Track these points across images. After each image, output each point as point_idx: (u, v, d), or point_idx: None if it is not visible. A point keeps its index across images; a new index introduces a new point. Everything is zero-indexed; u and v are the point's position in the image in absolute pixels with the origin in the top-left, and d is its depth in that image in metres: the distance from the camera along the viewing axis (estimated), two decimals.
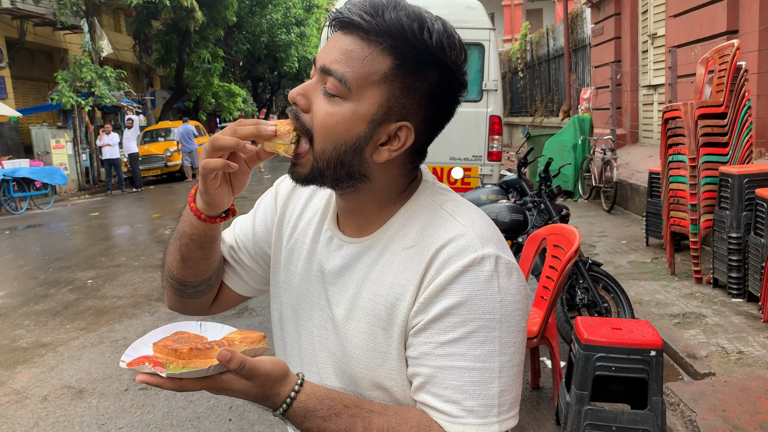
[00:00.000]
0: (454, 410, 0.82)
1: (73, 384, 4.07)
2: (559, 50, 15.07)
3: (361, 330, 0.90)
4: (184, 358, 0.76)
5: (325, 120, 0.85)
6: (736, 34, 7.02)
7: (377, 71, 0.83)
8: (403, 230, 0.90)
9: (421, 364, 0.84)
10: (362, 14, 0.83)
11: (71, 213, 12.47)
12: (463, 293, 0.82)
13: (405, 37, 0.83)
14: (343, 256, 0.94)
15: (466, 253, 0.84)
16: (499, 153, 6.35)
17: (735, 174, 4.66)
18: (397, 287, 0.87)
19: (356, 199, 0.93)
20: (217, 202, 0.92)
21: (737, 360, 3.66)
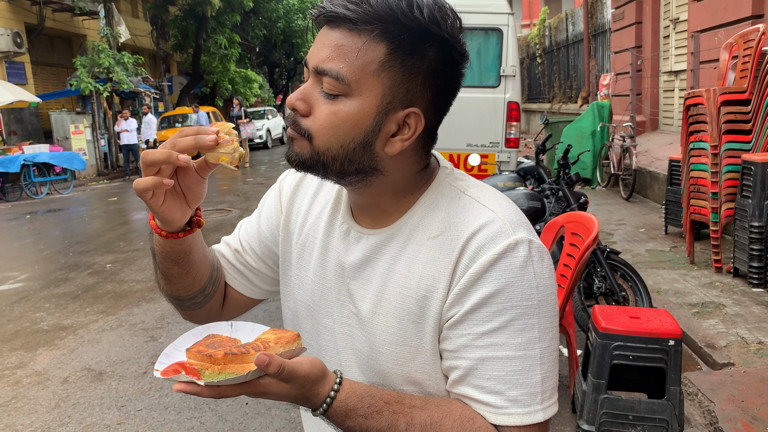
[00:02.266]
0: (498, 401, 0.81)
1: (93, 366, 4.13)
2: (579, 35, 14.86)
3: (390, 324, 0.86)
4: (220, 363, 0.75)
5: (329, 120, 0.81)
6: (761, 18, 6.86)
7: (373, 60, 0.79)
8: (427, 219, 0.87)
9: (460, 356, 0.82)
10: (346, 4, 0.79)
11: (90, 198, 12.61)
12: (499, 281, 0.80)
13: (396, 19, 0.78)
14: (363, 248, 0.90)
15: (499, 239, 0.81)
16: (516, 140, 6.29)
17: (758, 162, 4.58)
18: (428, 279, 0.84)
19: (370, 193, 0.89)
20: (170, 219, 0.87)
21: (757, 350, 3.62)
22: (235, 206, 10.36)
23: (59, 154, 13.30)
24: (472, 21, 6.05)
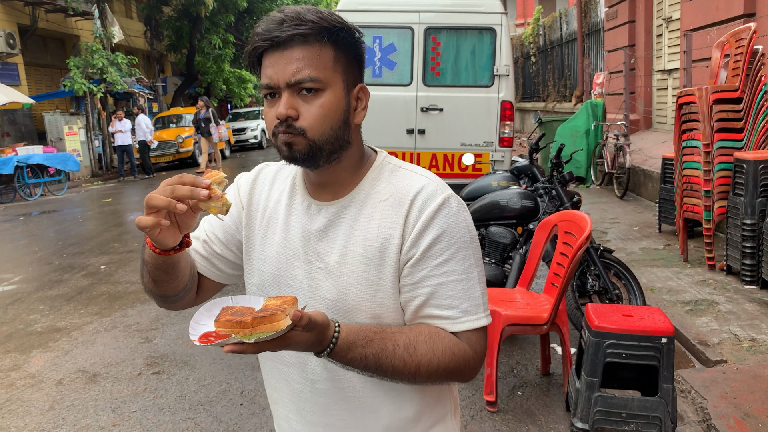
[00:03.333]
0: (454, 314, 1.07)
1: (88, 368, 4.12)
2: (572, 34, 14.89)
3: (356, 270, 1.08)
4: (249, 326, 0.89)
5: (319, 112, 1.04)
6: (753, 17, 6.89)
7: (329, 59, 1.05)
8: (375, 188, 1.12)
9: (422, 285, 1.06)
10: (297, 27, 1.02)
11: (84, 199, 12.57)
12: (443, 225, 1.07)
13: (331, 26, 1.05)
14: (325, 216, 1.12)
15: (436, 195, 1.08)
16: (510, 139, 6.30)
17: (750, 160, 4.60)
18: (385, 230, 1.08)
19: (336, 168, 1.12)
20: (164, 244, 1.02)
21: (750, 347, 3.64)
22: None
23: (53, 156, 13.25)
24: (465, 21, 6.06)
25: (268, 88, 1.06)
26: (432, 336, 1.05)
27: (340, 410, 1.14)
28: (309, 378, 1.14)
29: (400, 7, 6.07)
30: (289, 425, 1.21)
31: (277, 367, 1.20)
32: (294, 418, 1.19)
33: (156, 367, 4.08)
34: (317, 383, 1.14)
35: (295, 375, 1.16)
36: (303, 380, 1.15)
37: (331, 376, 1.12)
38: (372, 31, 6.09)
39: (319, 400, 1.14)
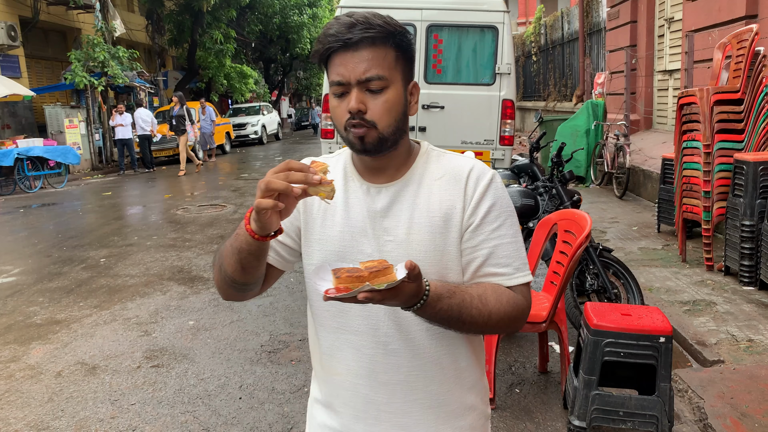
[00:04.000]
0: (509, 270, 1.25)
1: (87, 360, 4.13)
2: (574, 34, 14.88)
3: (423, 238, 1.24)
4: (366, 279, 1.01)
5: (384, 107, 1.19)
6: (755, 18, 6.89)
7: (392, 59, 1.20)
8: (428, 169, 1.29)
9: (481, 247, 1.24)
10: (366, 31, 1.16)
11: (84, 192, 12.57)
12: (494, 197, 1.26)
13: (391, 31, 1.19)
14: (386, 195, 1.27)
15: (485, 172, 1.28)
16: (511, 137, 6.31)
17: (750, 161, 4.61)
18: (447, 202, 1.25)
19: (391, 155, 1.27)
20: (269, 228, 1.12)
21: (747, 348, 3.65)
22: (229, 202, 10.35)
23: (53, 148, 13.24)
24: (468, 19, 6.06)
25: (339, 85, 1.18)
26: (495, 289, 1.23)
27: (410, 366, 1.27)
28: (381, 341, 1.26)
29: (402, 5, 6.07)
30: (354, 392, 1.29)
31: (342, 338, 1.29)
32: (362, 383, 1.28)
33: (155, 361, 4.09)
34: (390, 344, 1.26)
35: (366, 341, 1.27)
36: (375, 344, 1.26)
37: (403, 337, 1.25)
38: None
39: (390, 360, 1.26)
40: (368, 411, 1.29)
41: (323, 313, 1.30)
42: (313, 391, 1.41)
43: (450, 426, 1.31)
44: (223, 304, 5.14)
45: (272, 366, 3.95)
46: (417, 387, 1.28)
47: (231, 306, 5.10)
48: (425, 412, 1.29)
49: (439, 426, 1.30)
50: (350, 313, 1.26)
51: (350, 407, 1.30)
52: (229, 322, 4.73)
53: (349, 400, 1.30)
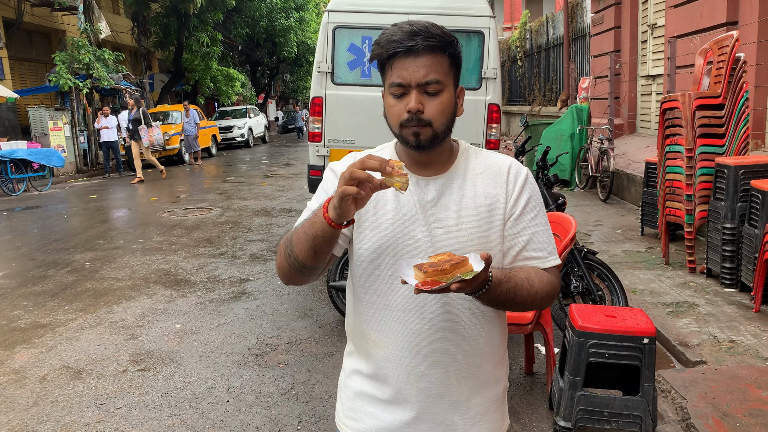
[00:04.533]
0: (544, 254, 1.41)
1: (72, 364, 4.11)
2: (559, 39, 15.02)
3: (470, 226, 1.38)
4: (449, 272, 1.13)
5: (439, 108, 1.32)
6: (735, 25, 7.01)
7: (447, 66, 1.33)
8: (470, 165, 1.43)
9: (522, 234, 1.40)
10: (427, 40, 1.29)
11: (69, 195, 12.46)
12: (531, 190, 1.42)
13: (448, 41, 1.32)
14: (435, 187, 1.40)
15: (522, 169, 1.44)
16: (497, 141, 6.35)
17: (731, 165, 4.69)
18: (491, 194, 1.40)
19: (438, 151, 1.39)
20: (346, 216, 1.22)
21: (728, 349, 3.71)
22: (216, 205, 10.32)
23: (37, 151, 13.12)
24: (454, 23, 6.10)
25: (399, 86, 1.31)
26: (536, 272, 1.39)
27: (451, 341, 1.40)
28: (427, 318, 1.38)
29: (389, 9, 6.10)
30: (398, 363, 1.42)
31: (391, 314, 1.40)
32: (406, 356, 1.41)
33: (141, 364, 4.07)
34: (435, 321, 1.39)
35: (414, 317, 1.39)
36: (421, 320, 1.38)
37: (447, 314, 1.39)
38: (362, 32, 6.11)
39: (435, 335, 1.39)
40: (410, 381, 1.41)
41: (372, 293, 1.42)
42: (352, 365, 1.51)
43: (480, 395, 1.45)
44: (209, 308, 5.13)
45: (259, 369, 3.95)
46: (456, 359, 1.41)
47: (218, 309, 5.09)
48: (460, 382, 1.42)
49: (471, 395, 1.44)
50: (399, 293, 1.39)
51: (394, 377, 1.42)
52: (216, 326, 4.73)
53: (393, 370, 1.42)
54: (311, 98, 6.30)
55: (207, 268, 6.34)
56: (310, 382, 3.75)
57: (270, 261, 6.55)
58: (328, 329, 4.60)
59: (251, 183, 13.13)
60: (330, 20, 6.12)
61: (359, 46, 6.15)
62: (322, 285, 5.52)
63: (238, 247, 7.24)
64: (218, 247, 7.23)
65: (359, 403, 1.48)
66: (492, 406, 1.47)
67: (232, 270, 6.25)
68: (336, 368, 3.91)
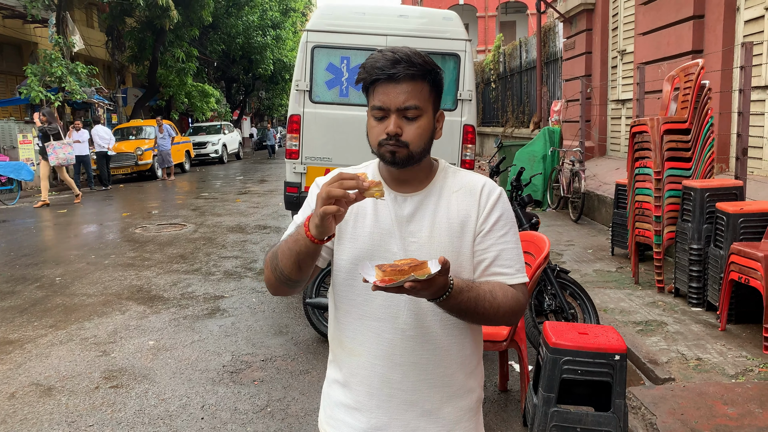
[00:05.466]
0: (512, 271, 1.46)
1: (42, 381, 4.03)
2: (532, 63, 15.34)
3: (443, 241, 1.44)
4: (406, 272, 1.20)
5: (417, 132, 1.40)
6: (700, 53, 7.28)
7: (427, 93, 1.41)
8: (447, 183, 1.50)
9: (490, 250, 1.46)
10: (407, 68, 1.36)
11: (38, 209, 12.22)
12: (502, 209, 1.48)
13: (428, 69, 1.40)
14: (411, 203, 1.47)
15: (495, 188, 1.50)
16: (471, 161, 6.46)
17: (697, 188, 4.85)
18: (463, 211, 1.46)
19: (416, 169, 1.46)
20: (326, 232, 1.30)
21: (696, 366, 3.81)
22: (189, 221, 10.23)
23: (5, 164, 12.88)
24: (431, 46, 6.22)
25: (380, 109, 1.39)
26: (501, 286, 1.43)
27: (423, 350, 1.45)
28: (400, 328, 1.44)
29: (368, 30, 6.20)
30: (371, 371, 1.47)
31: (366, 324, 1.47)
32: (380, 363, 1.46)
33: (114, 381, 4.02)
34: (407, 331, 1.45)
35: (387, 327, 1.45)
36: (394, 330, 1.44)
37: (419, 324, 1.44)
38: (340, 51, 6.19)
39: (407, 344, 1.44)
40: (382, 389, 1.46)
41: (349, 303, 1.48)
42: (331, 374, 1.57)
43: (452, 405, 1.49)
44: (183, 324, 5.08)
45: (234, 386, 3.93)
46: (427, 369, 1.46)
47: (192, 326, 5.05)
48: (432, 391, 1.47)
49: (443, 404, 1.48)
50: (374, 303, 1.45)
51: (366, 385, 1.48)
52: (190, 342, 4.69)
53: (366, 378, 1.48)
54: (289, 116, 6.34)
55: (181, 285, 6.28)
56: (286, 399, 3.74)
57: (245, 278, 6.52)
58: (303, 346, 4.59)
59: (225, 199, 13.05)
60: (309, 39, 6.19)
61: (337, 66, 6.23)
62: (298, 302, 5.51)
63: (213, 263, 7.19)
64: (192, 264, 7.17)
65: (337, 412, 1.53)
66: (465, 415, 1.51)
67: (207, 287, 6.21)
68: (312, 386, 3.91)
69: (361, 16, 6.25)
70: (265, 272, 1.49)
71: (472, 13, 33.70)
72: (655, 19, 8.43)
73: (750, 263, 4.02)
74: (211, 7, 21.83)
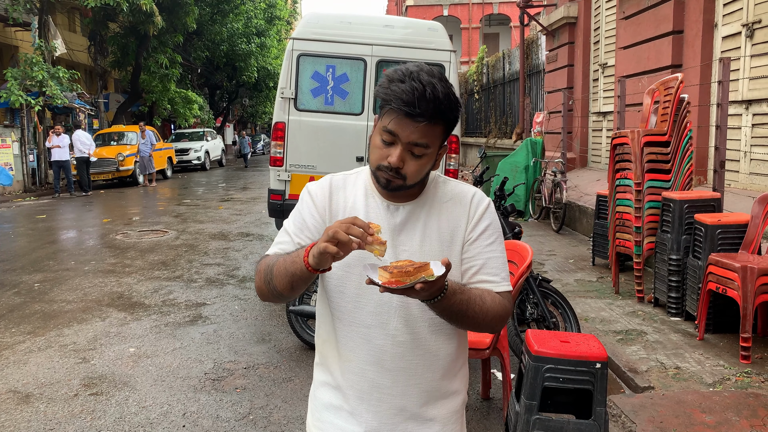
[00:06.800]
0: (498, 279, 1.49)
1: (20, 388, 3.97)
2: (515, 74, 15.51)
3: (433, 248, 1.47)
4: (412, 274, 1.20)
5: (417, 168, 1.42)
6: (680, 68, 7.42)
7: (439, 134, 1.42)
8: (438, 193, 1.53)
9: (477, 257, 1.49)
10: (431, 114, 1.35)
11: (16, 215, 12.06)
12: (490, 218, 1.51)
13: (451, 115, 1.41)
14: (403, 212, 1.49)
15: (484, 198, 1.54)
16: (455, 171, 6.51)
17: (676, 199, 4.93)
18: (453, 220, 1.50)
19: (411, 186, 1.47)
20: (322, 265, 1.31)
21: (675, 375, 3.87)
22: (171, 227, 10.15)
23: None
24: (416, 56, 6.28)
25: (390, 134, 1.38)
26: (489, 292, 1.47)
27: (413, 356, 1.48)
28: (390, 334, 1.46)
29: (354, 39, 6.24)
30: (362, 376, 1.49)
31: (356, 330, 1.48)
32: (370, 369, 1.48)
33: (94, 388, 3.97)
34: (398, 337, 1.47)
35: (377, 333, 1.46)
36: (385, 336, 1.46)
37: (410, 330, 1.46)
38: (326, 60, 6.22)
39: (397, 350, 1.47)
40: (372, 393, 1.48)
41: (340, 309, 1.49)
42: (320, 377, 1.58)
43: (440, 407, 1.53)
44: (164, 332, 5.04)
45: (216, 394, 3.90)
46: (416, 373, 1.49)
47: (173, 333, 5.01)
48: (420, 395, 1.50)
49: (431, 407, 1.52)
50: (364, 309, 1.47)
51: (356, 389, 1.49)
52: (172, 350, 4.65)
53: (356, 383, 1.49)
54: (274, 123, 6.34)
55: (162, 292, 6.23)
56: (268, 407, 3.73)
57: (227, 285, 6.48)
58: (286, 354, 4.58)
59: (208, 206, 12.97)
60: (295, 48, 6.21)
61: (323, 74, 6.25)
62: (281, 310, 5.50)
63: (194, 270, 7.14)
64: (174, 271, 7.12)
65: (326, 414, 1.54)
66: (452, 417, 1.55)
67: (188, 294, 6.16)
68: (294, 393, 3.90)
69: (347, 26, 6.29)
70: (256, 279, 1.50)
71: (456, 25, 34.00)
72: (635, 33, 8.59)
73: (727, 273, 4.10)
74: (195, 14, 21.78)
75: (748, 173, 6.40)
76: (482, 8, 33.91)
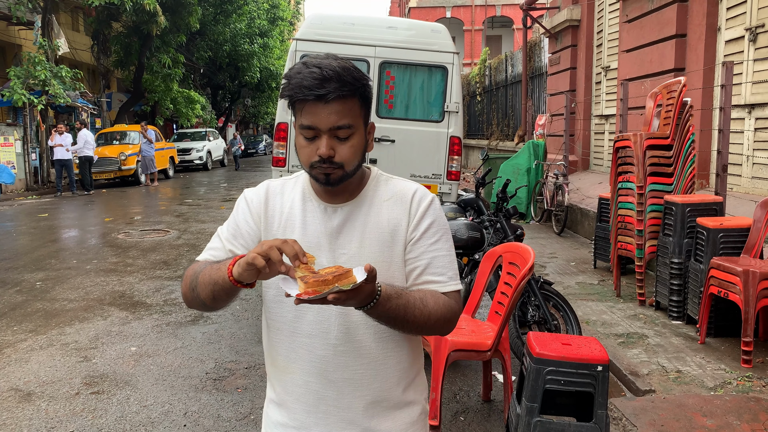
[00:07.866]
0: (444, 279, 1.42)
1: (21, 386, 3.98)
2: (517, 77, 15.51)
3: (373, 251, 1.41)
4: (330, 283, 1.14)
5: (350, 151, 1.36)
6: (682, 71, 7.43)
7: (358, 109, 1.36)
8: (378, 192, 1.46)
9: (421, 258, 1.42)
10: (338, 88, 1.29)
11: (18, 213, 12.07)
12: (433, 216, 1.44)
13: (358, 84, 1.33)
14: (341, 214, 1.43)
15: (427, 195, 1.46)
16: (457, 173, 6.51)
17: (679, 203, 4.93)
18: (394, 220, 1.43)
19: (349, 181, 1.41)
20: (249, 279, 1.25)
21: (676, 378, 3.87)
22: (173, 227, 10.16)
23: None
24: (419, 58, 6.29)
25: (309, 129, 1.32)
26: (433, 294, 1.39)
27: (357, 365, 1.41)
28: (332, 343, 1.40)
29: (357, 41, 6.25)
30: (306, 388, 1.43)
31: (297, 341, 1.42)
32: (313, 381, 1.42)
33: (95, 387, 3.98)
34: (339, 346, 1.40)
35: (318, 343, 1.40)
36: (326, 346, 1.40)
37: (351, 339, 1.40)
38: None
39: (340, 360, 1.40)
40: (318, 406, 1.42)
41: (280, 319, 1.43)
42: (269, 394, 1.52)
43: (391, 419, 1.45)
44: (166, 331, 5.05)
45: (218, 393, 3.91)
46: (363, 384, 1.42)
47: (175, 333, 5.01)
48: (369, 407, 1.42)
49: (382, 420, 1.44)
50: (304, 318, 1.40)
51: (302, 403, 1.43)
52: (173, 349, 4.65)
53: (301, 396, 1.43)
54: (276, 123, 6.35)
55: (164, 291, 6.24)
56: None
57: None
58: None
59: (209, 206, 12.99)
60: (298, 48, 6.22)
61: None
62: None
63: None
64: (175, 270, 7.13)
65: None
66: (407, 429, 1.47)
67: None
68: None
69: (350, 27, 6.30)
70: (182, 285, 1.45)
71: (459, 27, 34.03)
72: (638, 37, 8.59)
73: (729, 277, 4.10)
74: (198, 14, 21.81)
75: (750, 177, 6.40)
76: (485, 10, 33.96)
